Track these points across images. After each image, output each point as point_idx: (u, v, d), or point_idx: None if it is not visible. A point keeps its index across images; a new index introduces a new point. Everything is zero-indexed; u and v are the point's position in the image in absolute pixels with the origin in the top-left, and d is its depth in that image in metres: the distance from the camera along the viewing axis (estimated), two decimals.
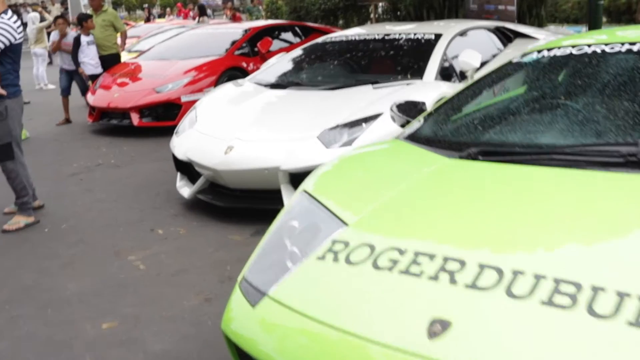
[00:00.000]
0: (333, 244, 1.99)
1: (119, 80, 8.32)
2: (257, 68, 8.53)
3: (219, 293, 3.35)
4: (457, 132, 2.60)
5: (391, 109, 2.97)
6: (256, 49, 8.66)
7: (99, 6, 9.34)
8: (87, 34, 8.83)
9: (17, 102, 4.57)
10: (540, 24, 8.81)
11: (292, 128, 4.40)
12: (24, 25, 15.98)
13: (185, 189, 4.88)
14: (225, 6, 22.42)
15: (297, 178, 4.23)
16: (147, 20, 24.08)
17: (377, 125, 4.19)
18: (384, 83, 4.71)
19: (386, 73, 5.12)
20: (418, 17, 11.32)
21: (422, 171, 2.26)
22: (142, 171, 6.10)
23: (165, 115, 7.78)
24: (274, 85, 5.25)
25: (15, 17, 4.47)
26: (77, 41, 8.77)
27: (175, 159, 4.93)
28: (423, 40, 5.24)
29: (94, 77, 8.84)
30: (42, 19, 14.79)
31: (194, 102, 7.70)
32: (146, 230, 4.48)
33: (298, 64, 5.75)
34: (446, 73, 4.98)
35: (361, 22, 14.21)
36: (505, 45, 5.91)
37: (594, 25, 6.61)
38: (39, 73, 13.75)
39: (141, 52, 9.62)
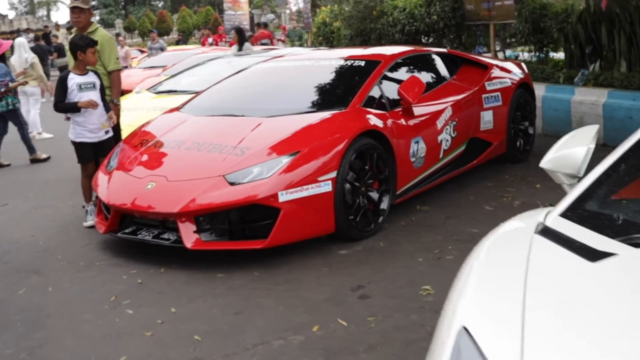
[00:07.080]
0: None
1: (153, 156, 4.59)
2: (402, 129, 4.80)
3: None
4: None
5: None
6: (391, 96, 4.96)
7: (78, 22, 5.51)
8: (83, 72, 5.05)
9: None
10: None
11: None
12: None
13: None
14: (259, 29, 18.94)
15: None
16: None
17: None
18: None
19: None
20: (588, 43, 7.60)
21: None
22: None
23: (245, 229, 4.03)
24: None
25: None
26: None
27: None
28: None
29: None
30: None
31: (299, 202, 3.99)
32: None
33: None
34: None
35: (467, 49, 10.47)
36: None
37: None
38: (30, 117, 10.12)
39: (186, 102, 5.80)
